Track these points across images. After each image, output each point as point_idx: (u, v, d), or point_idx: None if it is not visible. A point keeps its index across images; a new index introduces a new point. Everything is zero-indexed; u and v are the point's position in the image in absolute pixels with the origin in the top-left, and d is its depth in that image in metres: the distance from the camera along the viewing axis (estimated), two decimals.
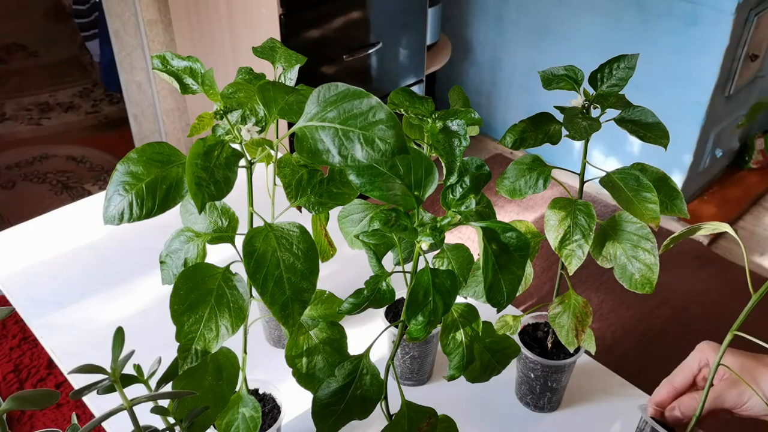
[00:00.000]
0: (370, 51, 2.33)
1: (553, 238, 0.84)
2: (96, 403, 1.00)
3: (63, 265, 1.26)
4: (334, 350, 0.79)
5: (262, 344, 1.11)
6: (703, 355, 0.79)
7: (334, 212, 0.88)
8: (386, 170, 0.63)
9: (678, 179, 2.56)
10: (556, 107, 0.85)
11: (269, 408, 0.89)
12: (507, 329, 0.95)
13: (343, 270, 1.20)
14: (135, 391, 0.63)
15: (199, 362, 0.64)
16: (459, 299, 0.73)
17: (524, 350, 0.94)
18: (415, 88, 2.57)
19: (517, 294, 0.65)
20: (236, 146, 0.63)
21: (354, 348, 0.81)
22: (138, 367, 0.63)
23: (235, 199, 0.74)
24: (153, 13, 2.40)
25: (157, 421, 0.69)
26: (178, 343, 0.64)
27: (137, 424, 0.63)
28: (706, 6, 2.22)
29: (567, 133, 0.80)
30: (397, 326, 0.78)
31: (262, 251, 0.61)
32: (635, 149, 2.60)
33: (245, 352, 0.78)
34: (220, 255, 0.89)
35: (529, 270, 0.91)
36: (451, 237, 2.42)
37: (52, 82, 3.51)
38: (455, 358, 0.76)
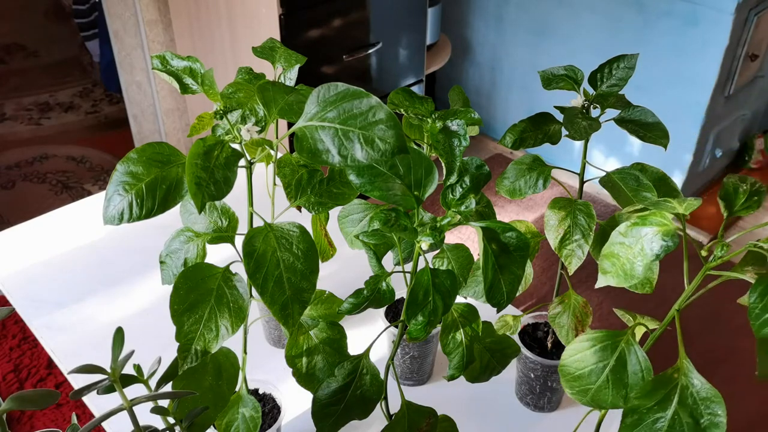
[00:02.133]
0: (370, 51, 2.33)
1: (553, 238, 0.84)
2: (96, 403, 1.00)
3: (63, 265, 1.26)
4: (334, 350, 0.79)
5: (262, 344, 1.11)
6: None
7: (334, 212, 0.88)
8: (386, 170, 0.63)
9: (678, 179, 2.56)
10: (556, 107, 0.85)
11: (269, 408, 0.89)
12: (507, 329, 0.95)
13: (343, 270, 1.20)
14: (135, 391, 0.63)
15: (199, 362, 0.64)
16: (459, 299, 0.73)
17: (524, 350, 0.94)
18: (415, 88, 2.57)
19: (517, 294, 0.65)
20: (236, 146, 0.63)
21: (354, 348, 0.81)
22: (138, 367, 0.63)
23: (235, 199, 0.74)
24: (153, 13, 2.40)
25: (157, 421, 0.69)
26: (178, 343, 0.64)
27: (137, 424, 0.63)
28: (706, 6, 2.22)
29: (567, 133, 0.80)
30: (397, 326, 0.78)
31: (262, 251, 0.61)
32: (635, 149, 2.60)
33: (245, 352, 0.78)
34: (220, 255, 0.89)
35: (529, 270, 0.91)
36: (451, 237, 2.42)
37: (52, 82, 3.51)
38: (455, 358, 0.76)
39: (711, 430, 0.58)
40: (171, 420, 0.68)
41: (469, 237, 2.46)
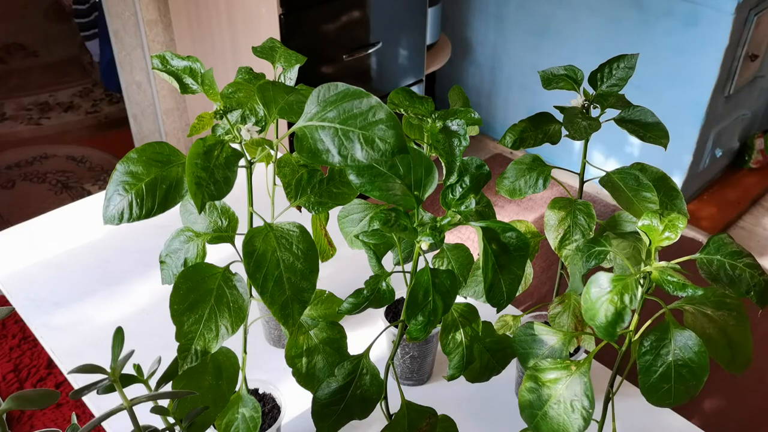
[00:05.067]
0: (370, 51, 2.33)
1: (553, 238, 0.84)
2: (96, 403, 1.00)
3: (63, 265, 1.26)
4: (334, 350, 0.79)
5: (262, 344, 1.11)
6: None
7: (334, 212, 0.88)
8: (386, 170, 0.63)
9: (678, 179, 2.56)
10: (556, 107, 0.85)
11: (269, 408, 0.89)
12: (507, 329, 0.95)
13: (343, 270, 1.20)
14: (135, 390, 0.63)
15: (199, 362, 0.64)
16: (459, 299, 0.73)
17: None
18: (415, 88, 2.57)
19: (517, 294, 0.65)
20: (236, 146, 0.63)
21: (354, 348, 0.81)
22: (138, 367, 0.63)
23: (235, 199, 0.74)
24: (153, 13, 2.39)
25: (157, 421, 0.69)
26: (178, 343, 0.64)
27: (137, 424, 0.63)
28: (706, 6, 2.22)
29: (567, 132, 0.80)
30: (397, 326, 0.78)
31: (262, 251, 0.61)
32: (635, 149, 2.60)
33: (245, 352, 0.78)
34: (220, 255, 0.89)
35: (529, 270, 0.91)
36: (451, 237, 2.42)
37: (52, 82, 3.51)
38: (455, 358, 0.76)
39: None
40: (171, 420, 0.68)
41: (469, 237, 2.46)
